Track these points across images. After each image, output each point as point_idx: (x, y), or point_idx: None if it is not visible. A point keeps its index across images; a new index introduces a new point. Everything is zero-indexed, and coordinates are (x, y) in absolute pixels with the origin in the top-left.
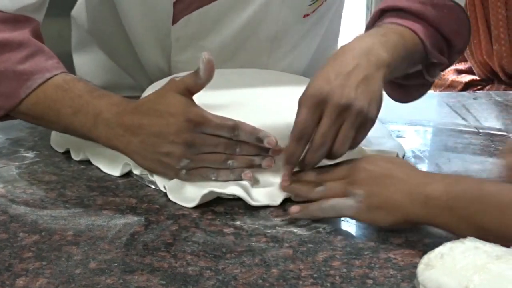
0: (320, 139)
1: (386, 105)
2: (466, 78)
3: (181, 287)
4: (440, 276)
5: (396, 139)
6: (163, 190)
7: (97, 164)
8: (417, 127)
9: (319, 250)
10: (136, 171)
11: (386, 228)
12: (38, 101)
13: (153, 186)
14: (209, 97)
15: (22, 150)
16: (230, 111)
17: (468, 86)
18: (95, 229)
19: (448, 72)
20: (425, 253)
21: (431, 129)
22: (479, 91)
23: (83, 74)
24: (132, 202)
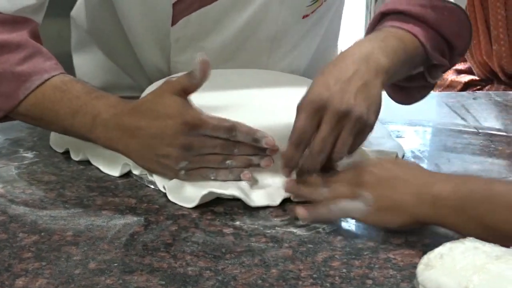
0: (319, 145)
1: (385, 105)
2: (466, 78)
3: None
4: (439, 276)
5: (395, 139)
6: (163, 190)
7: (96, 164)
8: (416, 127)
9: (319, 250)
10: (135, 171)
11: (394, 229)
12: (37, 102)
13: (152, 186)
14: (209, 97)
15: (22, 150)
16: (230, 112)
17: (467, 86)
18: (95, 229)
19: (447, 72)
20: (424, 253)
21: (431, 129)
22: (479, 91)
23: (83, 74)
24: (131, 202)
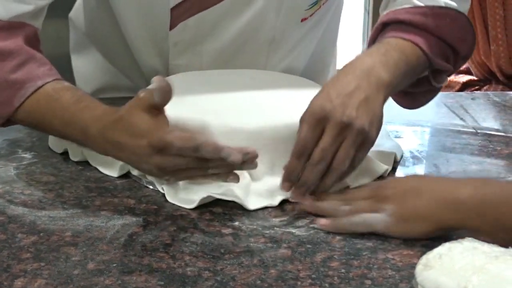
0: (319, 155)
1: (385, 105)
2: (464, 78)
3: None
4: (438, 276)
5: (394, 140)
6: (161, 191)
7: (95, 165)
8: (415, 128)
9: (318, 251)
10: (134, 172)
11: (418, 238)
12: (32, 109)
13: (151, 187)
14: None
15: (20, 151)
16: (230, 112)
17: (466, 87)
18: (94, 229)
19: None
20: (423, 253)
21: (429, 129)
22: (477, 92)
23: (81, 75)
24: (130, 202)
